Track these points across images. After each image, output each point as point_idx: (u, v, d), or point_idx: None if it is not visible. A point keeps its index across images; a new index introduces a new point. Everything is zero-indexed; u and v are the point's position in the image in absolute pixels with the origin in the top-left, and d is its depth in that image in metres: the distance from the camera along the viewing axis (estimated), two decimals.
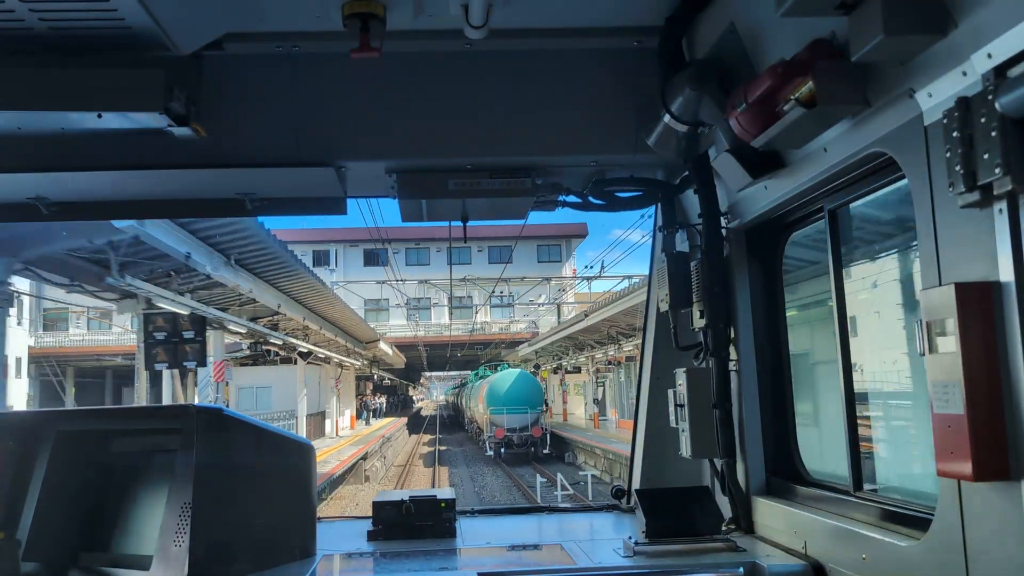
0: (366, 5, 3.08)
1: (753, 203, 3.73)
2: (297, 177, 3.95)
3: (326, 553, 3.66)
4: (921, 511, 2.78)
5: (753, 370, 3.92)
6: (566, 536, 3.95)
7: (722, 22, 3.32)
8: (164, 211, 4.53)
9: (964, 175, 2.16)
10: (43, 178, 3.85)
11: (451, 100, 3.89)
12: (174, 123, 3.42)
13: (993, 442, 2.18)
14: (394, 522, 4.01)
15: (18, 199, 4.17)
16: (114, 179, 3.92)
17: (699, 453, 4.03)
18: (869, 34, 2.32)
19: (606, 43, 3.83)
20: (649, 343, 4.85)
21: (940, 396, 2.32)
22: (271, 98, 3.79)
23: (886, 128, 2.62)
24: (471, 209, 4.37)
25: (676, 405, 4.16)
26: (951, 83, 2.26)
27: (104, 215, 4.60)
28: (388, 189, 4.22)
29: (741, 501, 3.90)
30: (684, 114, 3.47)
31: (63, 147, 3.70)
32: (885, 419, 3.62)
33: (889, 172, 2.86)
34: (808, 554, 3.31)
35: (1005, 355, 2.18)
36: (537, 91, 3.90)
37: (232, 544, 3.20)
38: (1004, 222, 2.13)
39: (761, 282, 4.00)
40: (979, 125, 2.12)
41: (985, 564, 2.29)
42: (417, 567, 3.42)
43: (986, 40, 2.10)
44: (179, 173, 3.84)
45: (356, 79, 3.81)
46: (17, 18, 2.92)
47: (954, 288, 2.26)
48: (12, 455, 3.50)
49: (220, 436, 3.24)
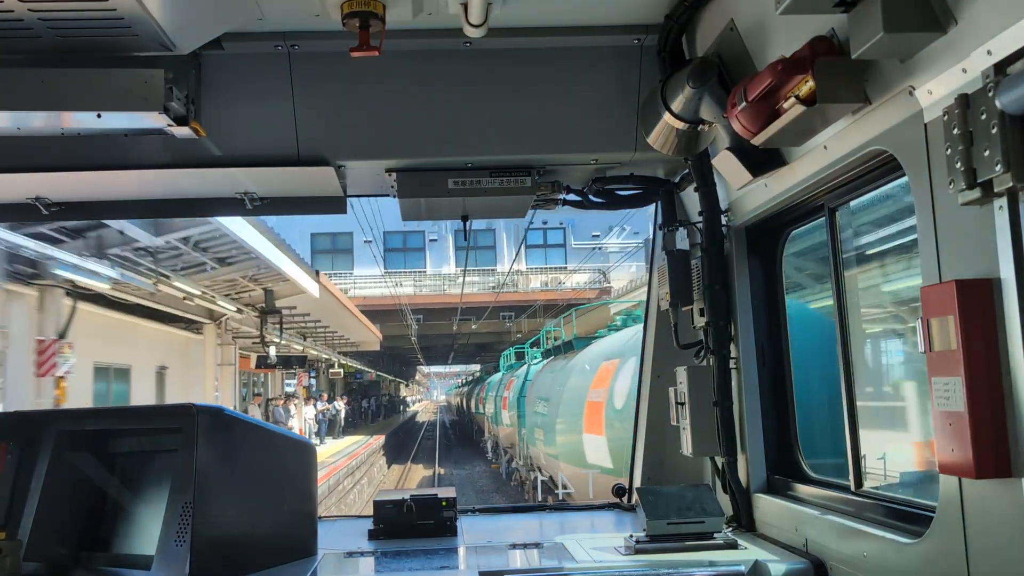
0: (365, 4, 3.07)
1: (753, 201, 3.73)
2: (296, 176, 3.95)
3: (327, 552, 3.66)
4: (922, 508, 2.78)
5: (754, 368, 3.92)
6: (567, 534, 3.95)
7: (722, 20, 3.31)
8: (163, 211, 4.53)
9: (964, 172, 2.16)
10: (43, 178, 3.85)
11: (450, 99, 3.88)
12: (174, 123, 3.42)
13: (994, 439, 2.18)
14: (395, 521, 4.01)
15: (18, 199, 4.17)
16: (114, 179, 3.92)
17: (700, 451, 4.03)
18: (869, 31, 2.31)
19: (606, 41, 3.82)
20: (650, 341, 4.85)
21: (941, 393, 2.32)
22: (270, 97, 3.78)
23: (886, 125, 2.61)
24: (471, 208, 4.37)
25: (677, 403, 4.16)
26: (951, 80, 2.26)
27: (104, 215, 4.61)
28: (388, 188, 4.22)
29: (742, 499, 3.90)
30: (684, 112, 3.46)
31: (63, 147, 3.70)
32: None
33: (889, 169, 2.86)
34: (809, 551, 3.31)
35: (1006, 352, 2.17)
36: (537, 89, 3.90)
37: (233, 544, 3.19)
38: (1004, 219, 2.12)
39: (761, 280, 4.00)
40: (979, 122, 2.12)
41: (986, 561, 2.29)
42: (418, 566, 3.42)
43: (986, 37, 2.09)
44: (178, 173, 3.84)
45: (355, 78, 3.80)
46: (16, 18, 2.92)
47: (955, 285, 2.26)
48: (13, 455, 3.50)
49: (221, 436, 3.24)
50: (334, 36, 3.42)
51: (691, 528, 3.60)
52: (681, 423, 4.12)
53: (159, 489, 3.25)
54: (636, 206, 4.59)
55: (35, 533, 3.37)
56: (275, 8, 3.38)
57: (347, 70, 3.73)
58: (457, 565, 3.47)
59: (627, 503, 4.71)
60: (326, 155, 3.84)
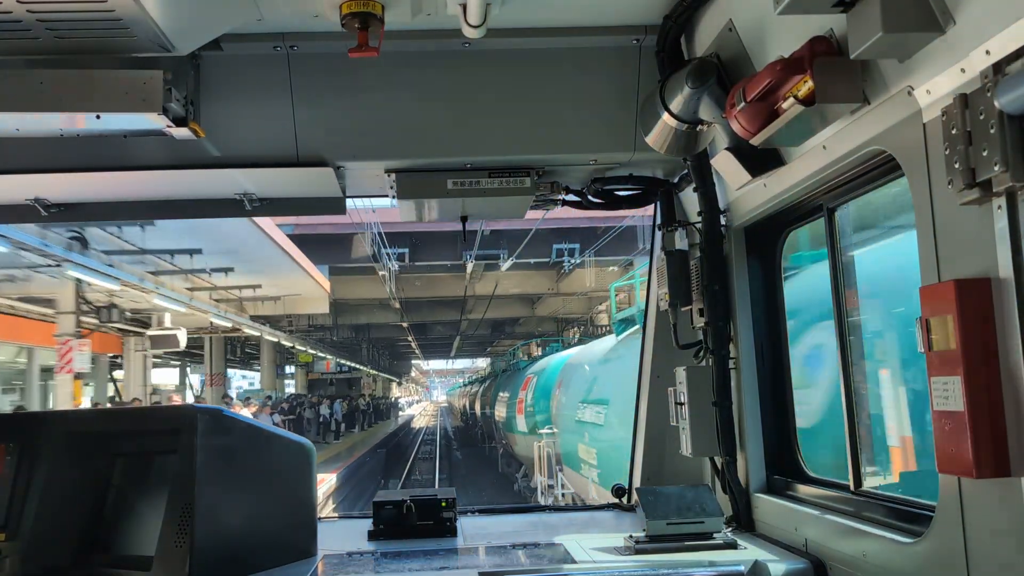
0: (364, 4, 3.07)
1: (752, 201, 3.73)
2: (296, 177, 3.95)
3: (327, 553, 3.66)
4: (921, 508, 2.79)
5: (753, 368, 3.92)
6: (567, 535, 3.95)
7: (721, 20, 3.32)
8: (162, 212, 4.53)
9: (963, 172, 2.16)
10: (42, 179, 3.85)
11: (449, 99, 3.88)
12: (173, 124, 3.42)
13: (993, 439, 2.18)
14: (394, 522, 4.01)
15: (17, 200, 4.17)
16: (112, 180, 3.92)
17: (699, 451, 4.03)
18: (867, 31, 2.32)
19: (604, 41, 3.82)
20: (649, 341, 4.85)
21: (940, 393, 2.32)
22: (269, 98, 3.78)
23: (885, 125, 2.62)
24: (470, 208, 4.37)
25: (676, 403, 4.16)
26: (950, 80, 2.26)
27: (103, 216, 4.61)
28: (387, 189, 4.23)
29: (741, 499, 3.90)
30: (683, 112, 3.47)
31: (62, 148, 3.70)
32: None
33: (888, 169, 2.86)
34: (809, 551, 3.31)
35: (1005, 351, 2.18)
36: (536, 90, 3.90)
37: (233, 545, 3.20)
38: (1003, 218, 2.13)
39: (761, 280, 4.00)
40: (978, 122, 2.12)
41: (985, 561, 2.29)
42: (418, 566, 3.42)
43: (985, 37, 2.10)
44: (178, 174, 3.84)
45: (354, 79, 3.81)
46: (14, 19, 2.92)
47: (953, 284, 2.26)
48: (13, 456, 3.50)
49: (220, 437, 3.24)
50: (333, 37, 3.42)
51: (691, 528, 3.60)
52: (680, 423, 4.12)
53: (159, 490, 3.25)
54: (635, 206, 4.59)
55: (35, 535, 3.37)
56: (274, 9, 3.38)
57: (346, 71, 3.73)
58: (457, 565, 3.47)
59: (627, 503, 4.71)
60: (325, 156, 3.84)
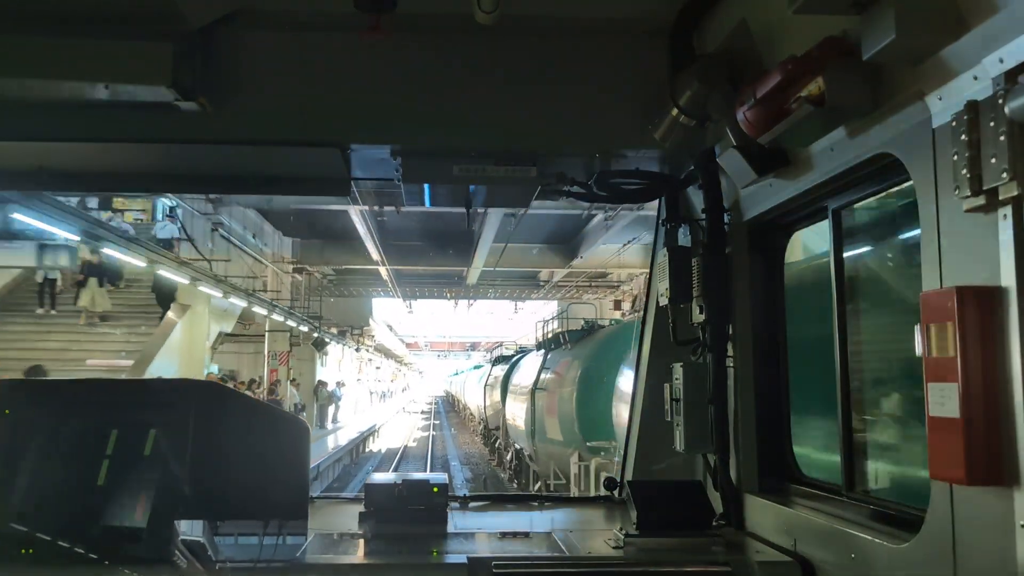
0: None
1: (757, 200, 3.73)
2: (302, 157, 3.95)
3: (318, 533, 3.67)
4: (912, 513, 2.79)
5: (750, 367, 3.92)
6: (557, 525, 3.96)
7: (734, 17, 3.30)
8: (166, 186, 4.54)
9: (970, 179, 2.16)
10: (46, 147, 3.84)
11: (459, 85, 3.87)
12: (180, 97, 3.42)
13: (987, 447, 2.18)
14: (386, 505, 4.02)
15: (20, 167, 4.16)
16: (117, 151, 3.91)
17: (692, 448, 4.04)
18: (881, 34, 2.31)
19: (616, 34, 3.81)
20: (647, 337, 4.85)
21: (936, 398, 2.32)
22: (279, 77, 3.77)
23: (894, 130, 2.61)
24: (476, 196, 4.37)
25: (672, 399, 4.16)
26: (962, 87, 2.26)
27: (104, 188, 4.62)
28: (393, 172, 4.22)
29: (732, 497, 3.91)
30: (692, 108, 3.46)
31: (68, 117, 3.69)
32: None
33: (894, 174, 2.85)
34: (798, 551, 3.32)
35: (1004, 360, 2.18)
36: (545, 79, 3.89)
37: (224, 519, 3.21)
38: (1008, 227, 2.13)
39: (762, 280, 3.99)
40: (987, 129, 2.11)
41: (973, 568, 2.30)
42: (407, 549, 3.43)
43: (998, 44, 2.09)
44: (184, 148, 3.83)
45: (365, 60, 3.79)
46: None
47: (955, 291, 2.26)
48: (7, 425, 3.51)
49: (216, 411, 3.25)
50: (345, 18, 3.41)
51: (681, 524, 3.61)
52: (675, 419, 4.13)
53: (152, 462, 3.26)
54: (640, 201, 4.59)
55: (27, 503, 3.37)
56: None
57: (357, 52, 3.72)
58: (446, 550, 3.48)
59: (618, 497, 4.72)
60: (333, 136, 3.84)
